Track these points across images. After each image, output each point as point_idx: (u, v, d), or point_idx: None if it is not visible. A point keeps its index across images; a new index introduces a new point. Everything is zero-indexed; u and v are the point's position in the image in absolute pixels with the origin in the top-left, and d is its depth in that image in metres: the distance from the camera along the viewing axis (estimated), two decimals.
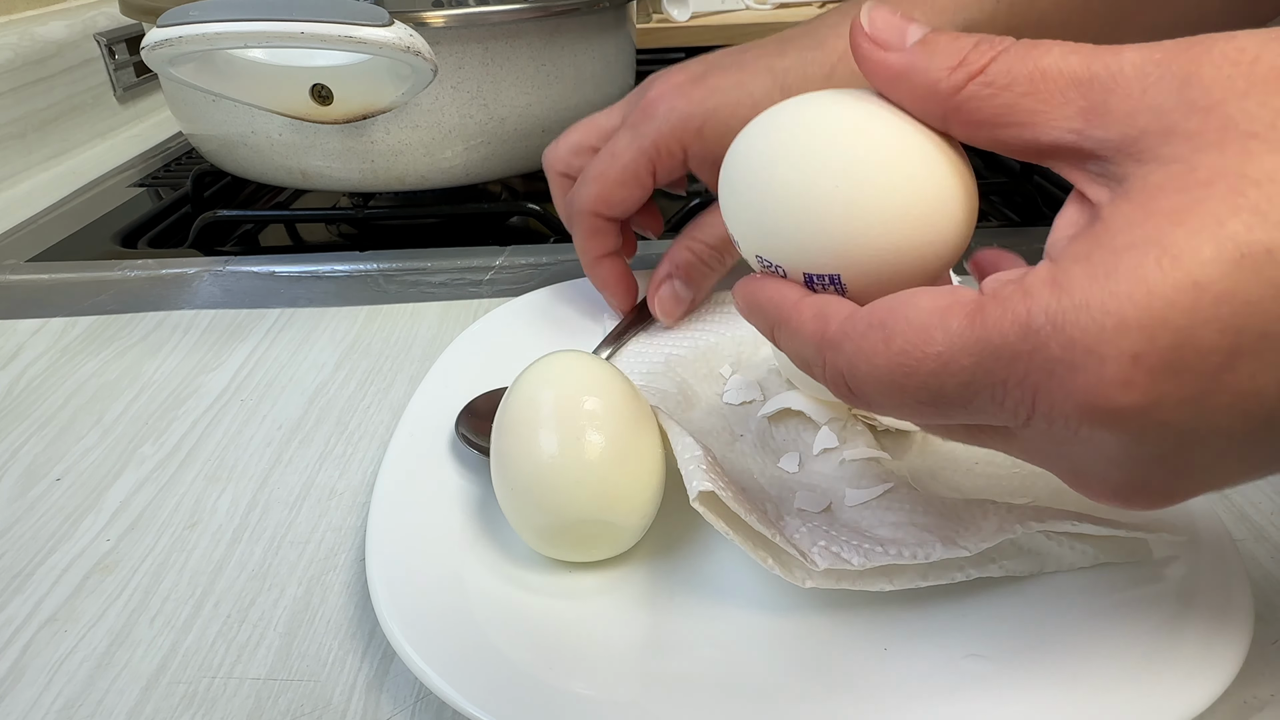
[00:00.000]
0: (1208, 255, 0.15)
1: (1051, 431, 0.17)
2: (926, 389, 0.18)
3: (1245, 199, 0.15)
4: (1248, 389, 0.15)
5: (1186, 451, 0.17)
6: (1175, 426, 0.16)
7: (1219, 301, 0.15)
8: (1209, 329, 0.15)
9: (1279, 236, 0.15)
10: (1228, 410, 0.16)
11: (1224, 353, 0.15)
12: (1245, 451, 0.17)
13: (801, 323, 0.21)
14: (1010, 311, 0.17)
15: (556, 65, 0.54)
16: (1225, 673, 0.22)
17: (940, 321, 0.18)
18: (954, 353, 0.17)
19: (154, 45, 0.43)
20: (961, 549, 0.25)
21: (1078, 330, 0.16)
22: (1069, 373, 0.16)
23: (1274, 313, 0.15)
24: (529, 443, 0.27)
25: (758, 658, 0.25)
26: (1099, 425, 0.16)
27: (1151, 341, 0.15)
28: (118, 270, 0.52)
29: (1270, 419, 0.16)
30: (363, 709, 0.25)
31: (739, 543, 0.25)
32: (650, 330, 0.40)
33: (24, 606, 0.29)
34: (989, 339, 0.17)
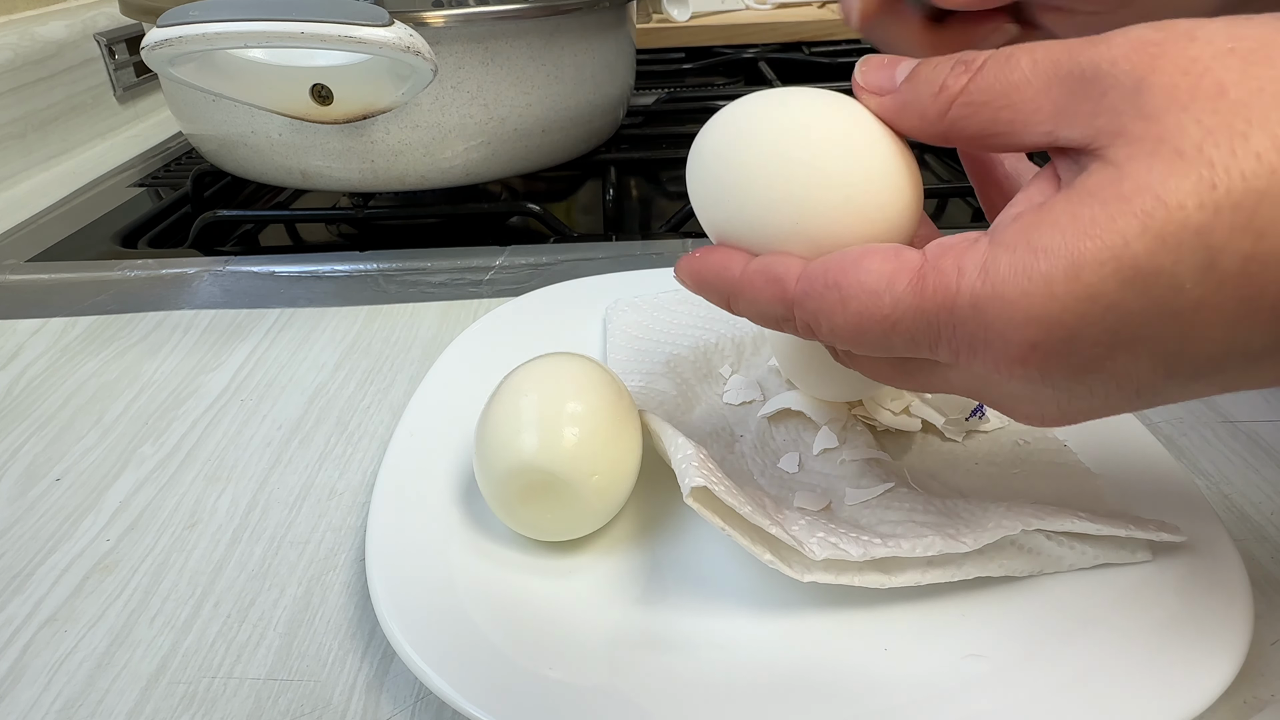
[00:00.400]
0: (1107, 271, 0.17)
1: (973, 376, 0.21)
2: (879, 342, 0.21)
3: (1152, 221, 0.17)
4: (1121, 372, 0.19)
5: (1073, 400, 0.20)
6: (1062, 387, 0.20)
7: (1107, 310, 0.18)
8: (1095, 329, 0.18)
9: (1168, 262, 0.17)
10: (1104, 382, 0.19)
11: (1104, 347, 0.18)
12: (1119, 402, 0.20)
13: (756, 289, 0.23)
14: (944, 287, 0.20)
15: (556, 65, 0.54)
16: (1225, 673, 0.22)
17: (888, 287, 0.20)
18: (899, 315, 0.20)
19: (154, 45, 0.43)
20: (961, 544, 0.25)
21: (993, 316, 0.19)
22: (984, 346, 0.20)
23: (1150, 323, 0.18)
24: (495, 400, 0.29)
25: (758, 657, 0.25)
26: (1005, 378, 0.20)
27: (1047, 335, 0.18)
28: (118, 270, 0.52)
29: (1139, 390, 0.19)
30: (363, 709, 0.25)
31: (736, 538, 0.26)
32: (650, 329, 0.40)
33: (24, 606, 0.29)
34: (925, 308, 0.20)
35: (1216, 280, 0.17)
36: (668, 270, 0.45)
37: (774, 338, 0.34)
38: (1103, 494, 0.29)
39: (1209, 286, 0.17)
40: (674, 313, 0.41)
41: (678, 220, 0.57)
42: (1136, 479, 0.30)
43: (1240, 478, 0.33)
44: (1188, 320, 0.18)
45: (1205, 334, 0.18)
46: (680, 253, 0.51)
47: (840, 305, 0.21)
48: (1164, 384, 0.19)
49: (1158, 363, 0.18)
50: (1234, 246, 0.17)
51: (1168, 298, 0.17)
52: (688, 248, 0.52)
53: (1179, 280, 0.17)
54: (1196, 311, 0.17)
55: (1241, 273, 0.17)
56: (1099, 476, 0.30)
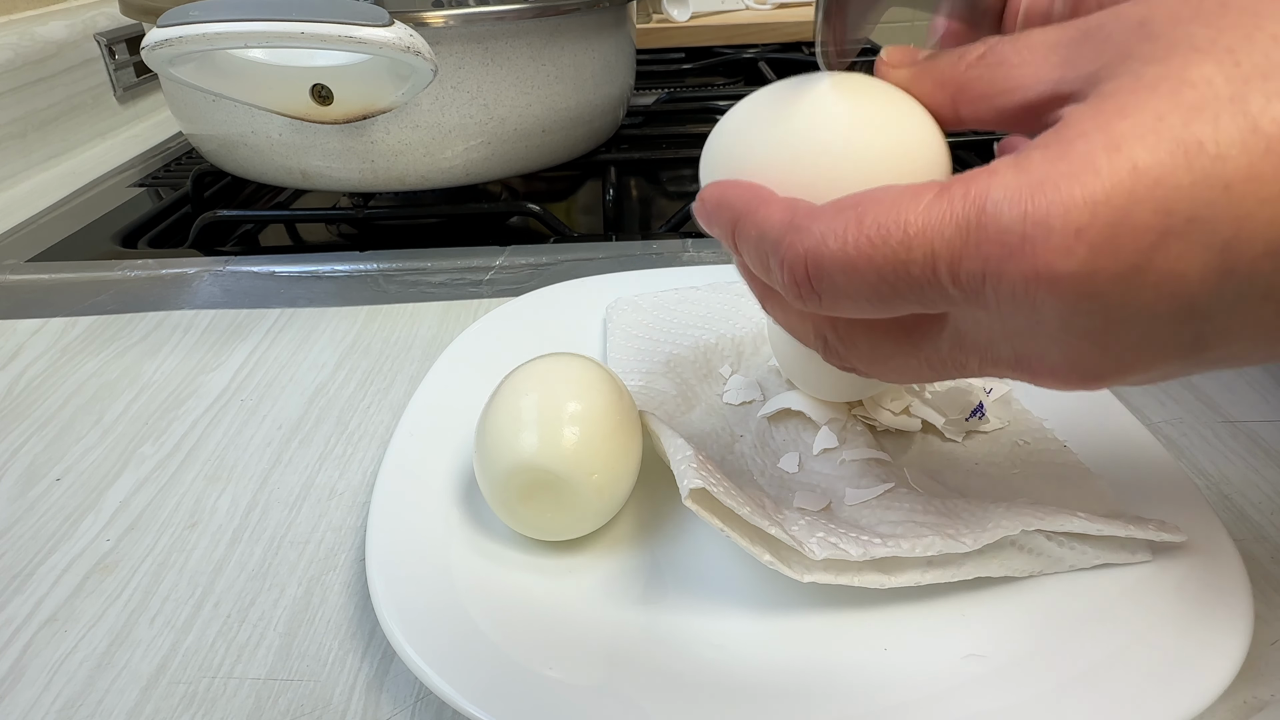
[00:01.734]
0: (1147, 144, 0.17)
1: (999, 305, 0.19)
2: (890, 264, 0.19)
3: (1183, 97, 0.17)
4: (1174, 269, 0.17)
5: (1115, 329, 0.18)
6: (1107, 299, 0.18)
7: (1155, 184, 0.16)
8: (1144, 208, 0.17)
9: (1209, 131, 0.16)
10: (1155, 289, 0.17)
11: (1156, 231, 0.17)
12: (1167, 336, 0.18)
13: (770, 211, 0.22)
14: (975, 188, 0.18)
15: (556, 65, 0.54)
16: (1225, 673, 0.22)
17: (913, 199, 0.19)
18: (922, 225, 0.19)
19: (154, 45, 0.43)
20: (961, 544, 0.25)
21: (1030, 204, 0.17)
22: (1020, 242, 0.18)
23: (1202, 198, 0.16)
24: (495, 400, 0.29)
25: (757, 657, 0.25)
26: (1041, 292, 0.18)
27: (1094, 216, 0.17)
28: (118, 270, 0.52)
29: (1191, 304, 0.17)
30: (363, 709, 0.25)
31: (736, 539, 0.26)
32: (650, 329, 0.40)
33: (24, 606, 0.29)
34: (954, 211, 0.18)
35: (1263, 145, 0.16)
36: (668, 270, 0.45)
37: (774, 337, 0.34)
38: (1103, 494, 0.29)
39: (1255, 152, 0.16)
40: (674, 312, 0.41)
41: (678, 220, 0.56)
42: (1136, 479, 0.30)
43: (1240, 478, 0.33)
44: (1239, 192, 0.16)
45: (1261, 209, 0.16)
46: (681, 253, 0.51)
47: (855, 222, 0.19)
48: (1219, 289, 0.17)
49: (1213, 253, 0.17)
50: (1274, 110, 0.16)
51: (1214, 167, 0.16)
52: (688, 248, 0.52)
53: (1222, 148, 0.16)
54: (1248, 181, 0.16)
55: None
56: (1099, 476, 0.30)
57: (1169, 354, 0.19)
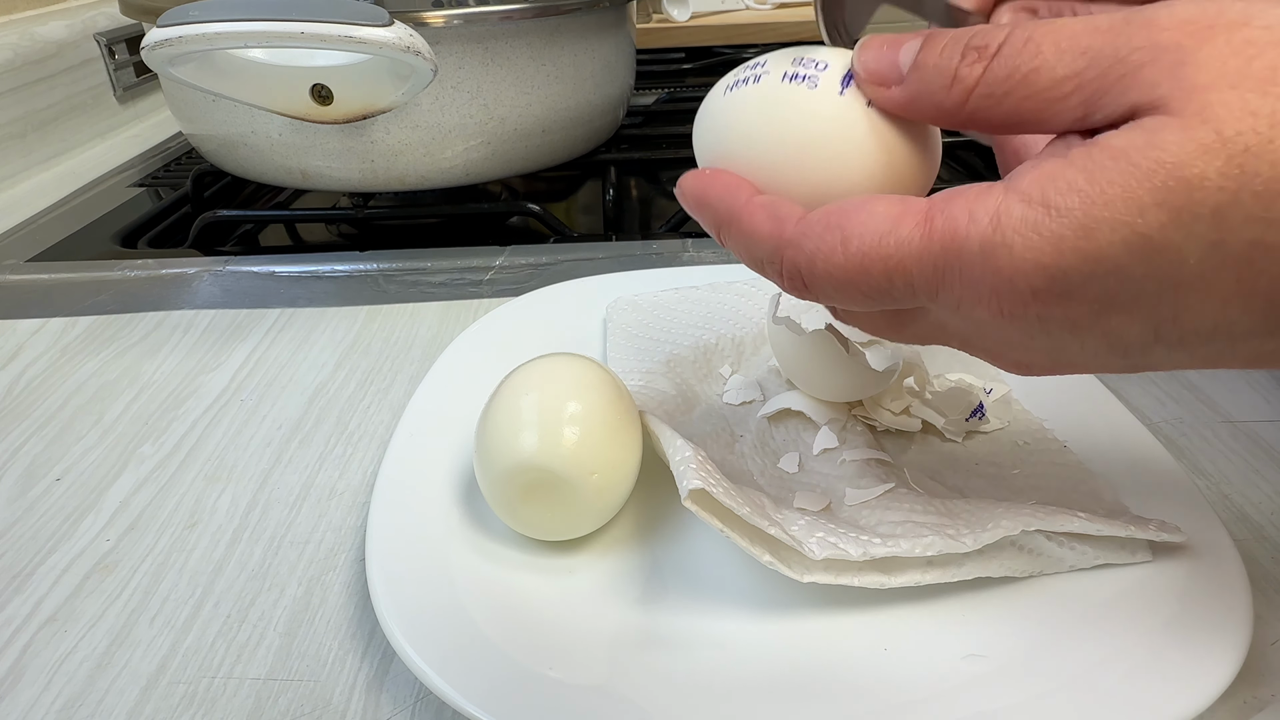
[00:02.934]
0: (1118, 238, 0.18)
1: (969, 321, 0.21)
2: (876, 287, 0.21)
3: (1173, 196, 0.17)
4: (1115, 330, 0.19)
5: (1063, 350, 0.21)
6: (1056, 336, 0.20)
7: (1110, 274, 0.18)
8: (1096, 288, 0.18)
9: (1178, 238, 0.17)
10: (1096, 338, 0.20)
11: (1102, 305, 0.19)
12: (1105, 360, 0.21)
13: (756, 222, 0.22)
14: (955, 231, 0.19)
15: (556, 65, 0.54)
16: (1225, 673, 0.22)
17: (893, 228, 0.20)
18: (904, 257, 0.20)
19: (154, 45, 0.43)
20: (961, 544, 0.25)
21: (1002, 262, 0.19)
22: (988, 290, 0.19)
23: (1149, 290, 0.18)
24: (495, 400, 0.29)
25: (757, 657, 0.25)
26: (1002, 321, 0.20)
27: (1050, 285, 0.19)
28: (118, 270, 0.52)
29: (1127, 349, 0.20)
30: (363, 709, 0.25)
31: (735, 539, 0.26)
32: (650, 328, 0.40)
33: (24, 606, 0.29)
34: (932, 251, 0.20)
35: (1220, 259, 0.17)
36: (668, 270, 0.45)
37: (774, 337, 0.34)
38: (1103, 494, 0.29)
39: (1212, 264, 0.17)
40: (674, 312, 0.41)
41: (678, 220, 0.56)
42: (1136, 479, 0.30)
43: (1240, 478, 0.33)
44: (1185, 292, 0.18)
45: (1199, 308, 0.18)
46: (680, 253, 0.51)
47: (840, 246, 0.21)
48: (1151, 348, 0.20)
49: (1149, 327, 0.19)
50: (1245, 232, 0.17)
51: (1170, 270, 0.18)
52: (688, 248, 0.52)
53: (1185, 255, 0.17)
54: (1194, 286, 0.18)
55: (1245, 257, 0.17)
56: (1099, 476, 0.30)
57: (1109, 366, 0.21)
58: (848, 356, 0.31)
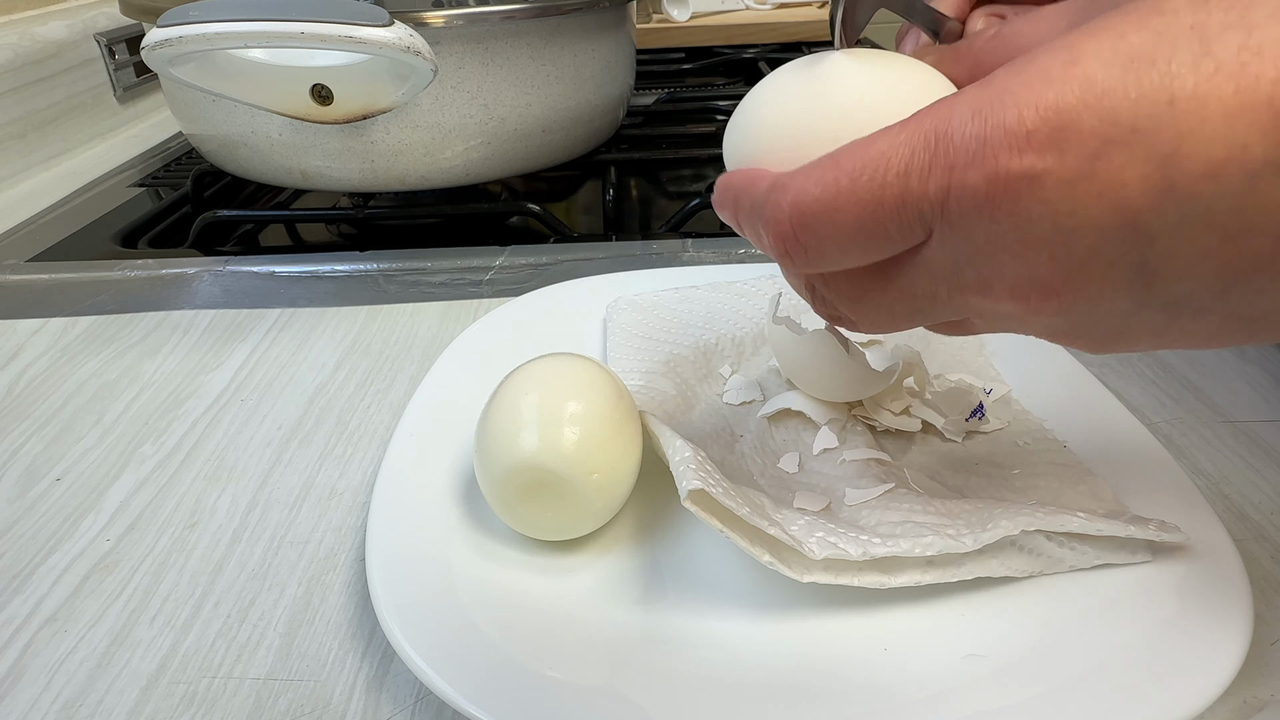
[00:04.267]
0: (1103, 58, 0.18)
1: (963, 218, 0.20)
2: (868, 194, 0.20)
3: (1150, 22, 0.18)
4: (1116, 178, 0.18)
5: (1065, 239, 0.19)
6: (1055, 205, 0.19)
7: (1103, 95, 0.18)
8: (1090, 115, 0.18)
9: (1165, 50, 0.17)
10: (1098, 197, 0.18)
11: (1099, 139, 0.18)
12: (1114, 254, 0.19)
13: (760, 182, 0.23)
14: (942, 107, 0.20)
15: (556, 65, 0.54)
16: (1225, 673, 0.22)
17: (885, 131, 0.20)
18: (893, 146, 0.20)
19: (154, 45, 0.43)
20: (961, 544, 0.25)
21: (990, 110, 0.19)
22: (979, 146, 0.19)
23: (1145, 111, 0.18)
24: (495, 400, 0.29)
25: (757, 656, 0.25)
26: (996, 194, 0.19)
27: (1042, 121, 0.18)
28: (118, 270, 0.52)
29: (1135, 219, 0.18)
30: (363, 709, 0.25)
31: (735, 540, 0.26)
32: (650, 328, 0.40)
33: (24, 606, 0.29)
34: (921, 128, 0.20)
35: (1212, 66, 0.17)
36: (668, 270, 0.45)
37: (774, 337, 0.34)
38: (1103, 494, 0.29)
39: (1204, 73, 0.17)
40: (674, 312, 0.41)
41: (678, 220, 0.56)
42: (1136, 479, 0.30)
43: (1240, 478, 0.33)
44: (1182, 109, 0.17)
45: (1202, 129, 0.17)
46: (680, 253, 0.51)
47: (832, 164, 0.21)
48: (1160, 204, 0.18)
49: (1152, 165, 0.18)
50: (1228, 38, 0.17)
51: (1163, 82, 0.17)
52: (688, 248, 0.52)
53: (1174, 67, 0.17)
54: (1192, 99, 0.17)
55: (1236, 61, 0.17)
56: (1099, 476, 0.30)
57: (1118, 277, 0.19)
58: (848, 357, 0.31)
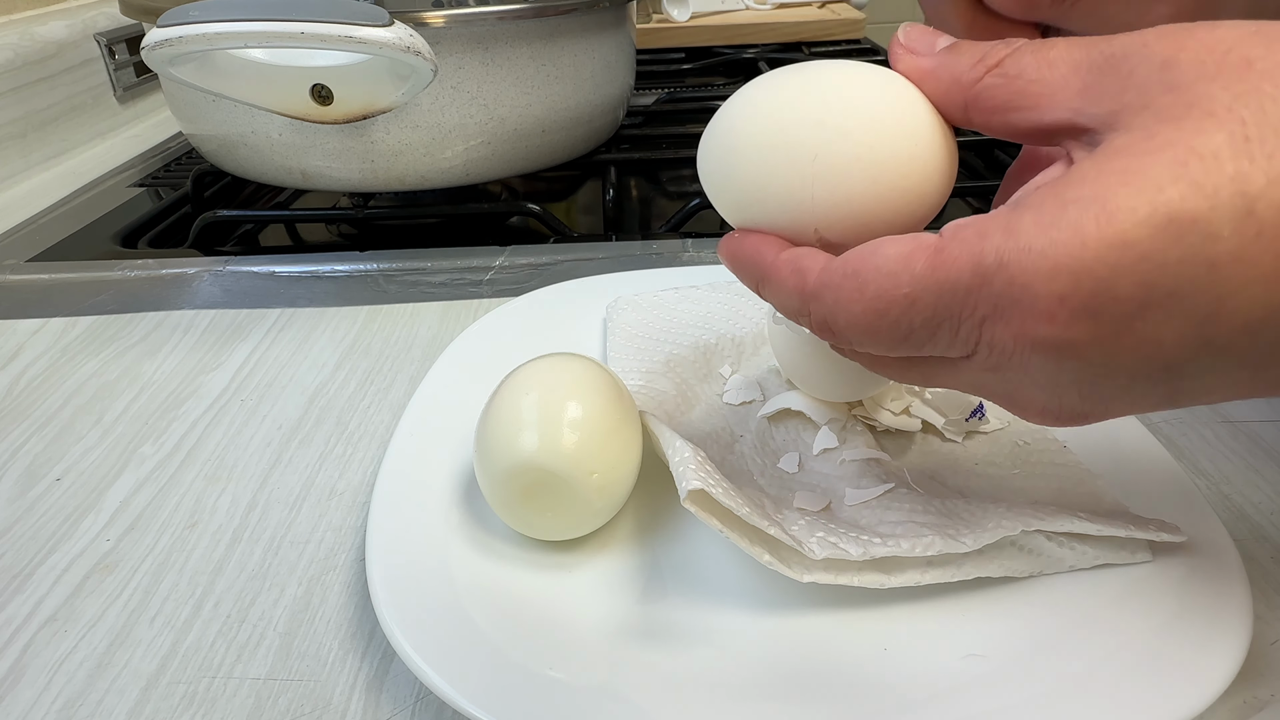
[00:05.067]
0: (1140, 216, 0.17)
1: (993, 359, 0.20)
2: (898, 327, 0.20)
3: (1187, 170, 0.17)
4: (1151, 337, 0.18)
5: (1097, 382, 0.19)
6: (1088, 360, 0.19)
7: (1140, 259, 0.17)
8: (1126, 281, 0.17)
9: (1205, 208, 0.17)
10: (1132, 353, 0.18)
11: (1136, 303, 0.17)
12: (1145, 388, 0.19)
13: (782, 279, 0.23)
14: (967, 251, 0.19)
15: (556, 65, 0.54)
16: (1225, 673, 0.22)
17: (906, 266, 0.20)
18: (919, 292, 0.20)
19: (154, 45, 0.43)
20: (961, 545, 0.25)
21: (1018, 270, 0.18)
22: (1009, 305, 0.19)
23: (1185, 275, 0.17)
24: (495, 400, 0.29)
25: (757, 656, 0.25)
26: (1027, 350, 0.19)
27: (1077, 286, 0.18)
28: (118, 270, 0.52)
29: (1168, 365, 0.18)
30: (363, 709, 0.25)
31: (735, 540, 0.26)
32: (650, 328, 0.40)
33: (24, 606, 0.29)
34: (948, 278, 0.19)
35: (1255, 229, 0.16)
36: (668, 270, 0.45)
37: (774, 337, 0.34)
38: (1103, 494, 0.29)
39: (1247, 235, 0.16)
40: (674, 312, 0.41)
41: (678, 220, 0.56)
42: (1136, 479, 0.30)
43: (1240, 478, 0.33)
44: (1224, 274, 0.17)
45: (1242, 291, 0.17)
46: (680, 253, 0.51)
47: (858, 292, 0.21)
48: (1195, 356, 0.18)
49: (1190, 327, 0.17)
50: (1272, 195, 0.16)
51: (1203, 246, 0.17)
52: (688, 248, 0.52)
53: (1215, 228, 0.17)
54: (1234, 263, 0.17)
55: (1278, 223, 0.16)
56: (1099, 476, 0.30)
57: (1148, 400, 0.20)
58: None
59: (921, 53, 0.23)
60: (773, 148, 0.23)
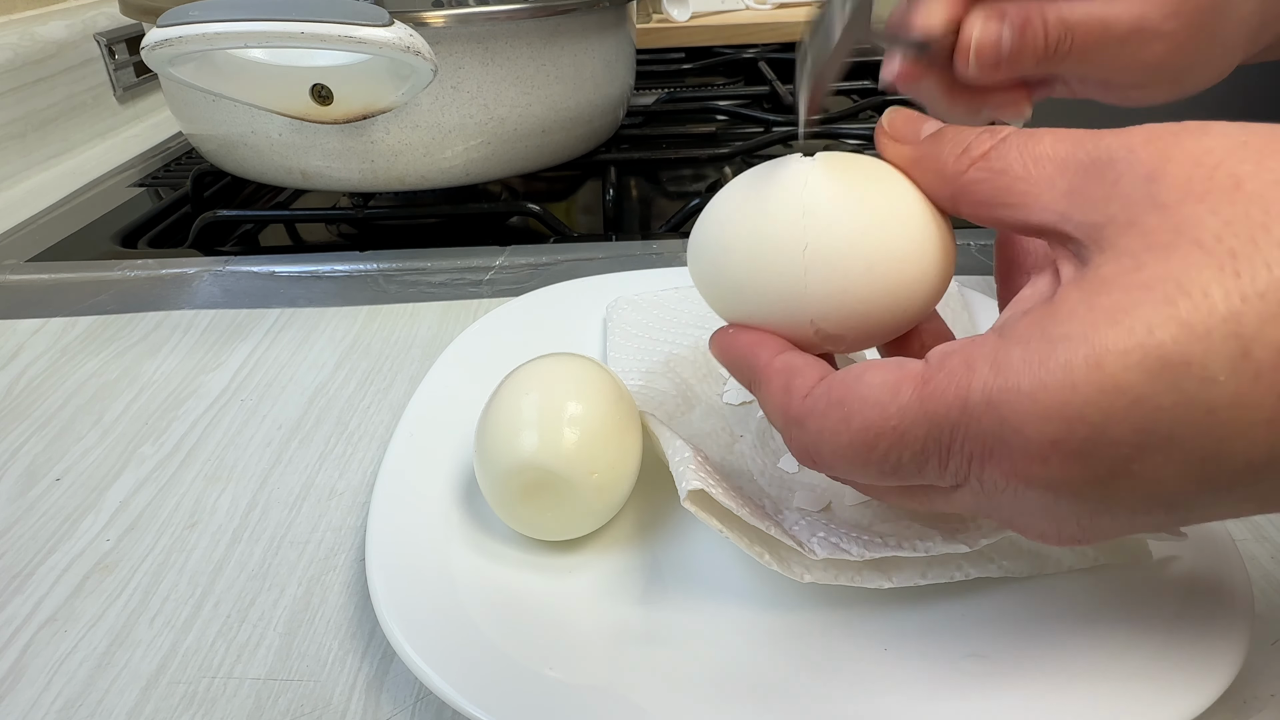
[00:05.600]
0: (1132, 361, 0.16)
1: (985, 491, 0.20)
2: (885, 459, 0.20)
3: (1176, 310, 0.16)
4: (1151, 478, 0.17)
5: (1096, 515, 0.19)
6: (1085, 498, 0.18)
7: (1134, 404, 0.16)
8: (1121, 426, 0.17)
9: (1198, 351, 0.16)
10: (1131, 491, 0.18)
11: (1132, 446, 0.17)
12: (1145, 519, 0.19)
13: (771, 392, 0.23)
14: (954, 385, 0.18)
15: (556, 65, 0.54)
16: (1225, 673, 0.22)
17: (893, 397, 0.19)
18: (907, 425, 0.19)
19: (154, 45, 0.43)
20: (961, 545, 0.25)
21: (1009, 411, 0.18)
22: (999, 445, 0.18)
23: (1182, 419, 0.16)
24: (495, 400, 0.29)
25: (757, 656, 0.25)
26: (1021, 487, 0.19)
27: (1069, 431, 0.17)
28: (118, 270, 0.52)
29: (1170, 502, 0.18)
30: (363, 709, 0.25)
31: (734, 540, 0.26)
32: (650, 328, 0.40)
33: (24, 606, 0.29)
34: (935, 412, 0.19)
35: (1253, 371, 0.16)
36: (668, 270, 0.45)
37: None
38: None
39: (1245, 378, 0.16)
40: (674, 312, 0.41)
41: (678, 220, 0.56)
42: None
43: None
44: (1223, 417, 0.16)
45: (1244, 434, 0.16)
46: (680, 253, 0.51)
47: (844, 423, 0.20)
48: (1197, 494, 0.17)
49: (1191, 468, 0.17)
50: (1267, 335, 0.16)
51: (1200, 391, 0.16)
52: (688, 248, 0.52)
53: (1211, 371, 0.16)
54: (1233, 407, 0.16)
55: (1276, 364, 0.16)
56: None
57: (1150, 525, 0.19)
58: (845, 358, 0.31)
59: (906, 140, 0.23)
60: (763, 238, 0.23)
